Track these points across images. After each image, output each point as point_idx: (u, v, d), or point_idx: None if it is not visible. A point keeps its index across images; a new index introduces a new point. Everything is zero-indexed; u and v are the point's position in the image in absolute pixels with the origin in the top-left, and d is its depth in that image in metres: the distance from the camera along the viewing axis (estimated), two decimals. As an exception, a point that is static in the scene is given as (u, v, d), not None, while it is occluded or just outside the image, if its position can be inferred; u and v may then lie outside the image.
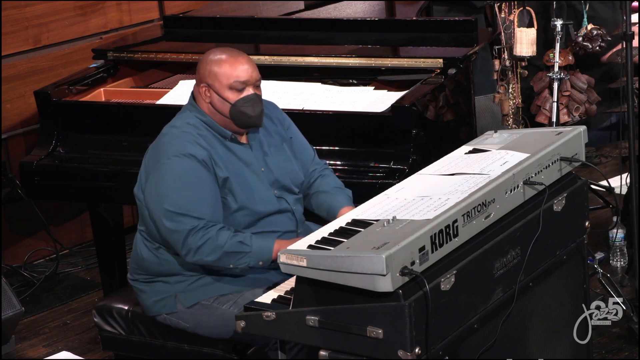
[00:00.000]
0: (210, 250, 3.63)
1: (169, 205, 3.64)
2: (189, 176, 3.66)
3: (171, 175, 3.67)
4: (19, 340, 5.07)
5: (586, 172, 5.30)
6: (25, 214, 5.67)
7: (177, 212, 3.63)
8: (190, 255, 3.65)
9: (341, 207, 3.86)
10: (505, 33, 5.22)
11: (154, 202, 3.69)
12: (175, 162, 3.67)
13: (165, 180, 3.68)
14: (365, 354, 3.12)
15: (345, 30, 5.09)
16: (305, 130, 4.11)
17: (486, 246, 3.33)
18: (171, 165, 3.68)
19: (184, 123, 3.78)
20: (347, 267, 3.04)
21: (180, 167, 3.67)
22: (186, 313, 3.79)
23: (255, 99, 3.78)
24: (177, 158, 3.68)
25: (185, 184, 3.65)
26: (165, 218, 3.65)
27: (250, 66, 3.77)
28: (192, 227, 3.62)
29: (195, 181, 3.66)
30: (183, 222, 3.63)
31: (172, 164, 3.68)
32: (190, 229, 3.62)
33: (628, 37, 4.47)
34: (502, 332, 3.40)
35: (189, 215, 3.63)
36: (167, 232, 3.67)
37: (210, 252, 3.63)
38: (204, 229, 3.63)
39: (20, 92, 5.70)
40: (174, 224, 3.64)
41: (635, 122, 4.75)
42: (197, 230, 3.63)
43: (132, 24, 6.13)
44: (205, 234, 3.63)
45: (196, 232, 3.63)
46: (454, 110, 4.65)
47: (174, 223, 3.64)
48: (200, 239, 3.62)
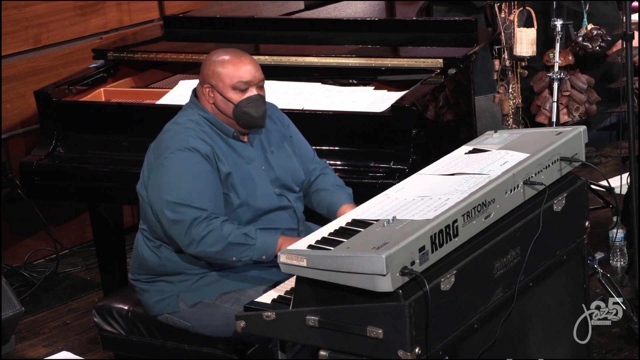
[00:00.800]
0: (214, 241, 3.61)
1: (171, 196, 3.64)
2: (192, 169, 3.66)
3: (174, 168, 3.67)
4: (19, 340, 5.07)
5: (586, 172, 5.30)
6: (25, 214, 5.67)
7: (179, 203, 3.62)
8: (193, 246, 3.64)
9: (341, 205, 3.86)
10: (505, 33, 5.21)
11: (156, 196, 3.69)
12: (179, 156, 3.67)
13: (168, 173, 3.67)
14: (365, 354, 3.12)
15: (345, 30, 5.09)
16: (305, 130, 4.11)
17: (486, 246, 3.33)
18: (174, 159, 3.67)
19: (186, 120, 3.78)
20: (347, 267, 3.04)
21: (183, 161, 3.67)
22: (188, 312, 3.79)
23: (259, 99, 3.78)
24: (180, 152, 3.68)
25: (188, 176, 3.65)
26: (167, 209, 3.64)
27: (253, 67, 3.77)
28: (195, 218, 3.61)
29: (198, 174, 3.66)
30: (185, 213, 3.62)
31: (175, 157, 3.67)
32: (193, 219, 3.61)
33: (628, 37, 4.47)
34: (502, 332, 3.39)
35: (191, 206, 3.62)
36: (170, 223, 3.66)
37: (213, 243, 3.62)
38: (208, 219, 3.62)
39: (20, 92, 5.70)
40: (176, 215, 3.63)
41: (635, 122, 4.75)
42: (201, 221, 3.62)
43: (132, 24, 6.13)
44: (209, 225, 3.62)
45: (199, 222, 3.61)
46: (454, 110, 4.65)
47: (175, 214, 3.63)
48: (203, 230, 3.61)
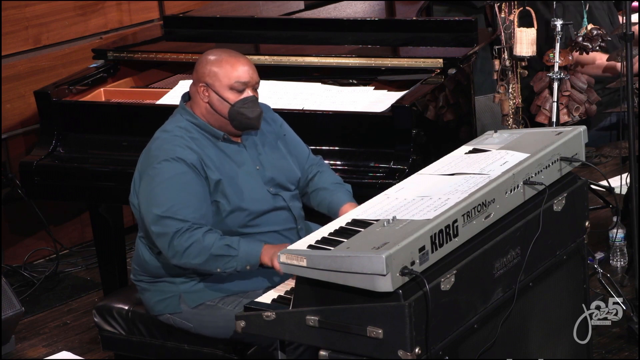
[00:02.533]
0: (196, 253, 3.60)
1: (157, 209, 3.63)
2: (177, 180, 3.65)
3: (159, 180, 3.66)
4: (19, 340, 5.07)
5: (586, 172, 5.29)
6: (25, 214, 5.67)
7: (163, 216, 3.62)
8: (177, 259, 3.63)
9: (342, 204, 3.85)
10: (505, 33, 5.21)
11: (145, 208, 3.68)
12: (165, 167, 3.66)
13: (154, 185, 3.66)
14: (365, 354, 3.12)
15: (345, 30, 5.09)
16: (305, 130, 4.11)
17: (486, 246, 3.33)
18: (160, 169, 3.66)
19: (174, 127, 3.77)
20: (347, 267, 3.04)
21: (169, 172, 3.66)
22: (190, 313, 3.79)
23: (254, 101, 3.77)
24: (166, 162, 3.67)
25: (172, 187, 3.64)
26: (152, 223, 3.64)
27: (250, 68, 3.77)
28: (177, 230, 3.60)
29: (182, 185, 3.64)
30: (168, 225, 3.61)
31: (161, 168, 3.66)
32: (175, 232, 3.60)
33: (628, 37, 4.47)
34: (502, 332, 3.39)
35: (174, 218, 3.61)
36: (155, 237, 3.66)
37: (196, 255, 3.60)
38: (189, 230, 3.61)
39: (20, 92, 5.70)
40: (160, 228, 3.62)
41: (635, 122, 4.75)
42: (183, 233, 3.60)
43: (132, 24, 6.12)
44: (191, 236, 3.60)
45: (181, 234, 3.60)
46: (454, 110, 4.65)
47: (159, 227, 3.63)
48: (185, 241, 3.60)
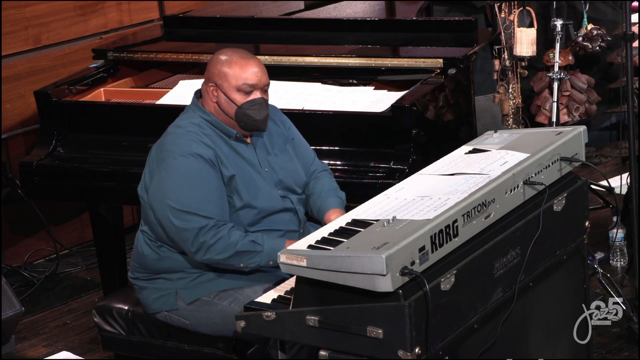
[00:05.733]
0: (222, 249, 3.63)
1: (175, 203, 3.64)
2: (197, 176, 3.66)
3: (178, 175, 3.67)
4: (19, 340, 5.07)
5: (586, 172, 5.30)
6: (25, 214, 5.67)
7: (185, 211, 3.63)
8: (200, 254, 3.65)
9: (328, 210, 3.86)
10: (505, 33, 5.22)
11: (159, 201, 3.69)
12: (182, 162, 3.67)
13: (172, 179, 3.67)
14: (365, 354, 3.12)
15: (345, 30, 5.09)
16: (305, 130, 4.11)
17: (486, 246, 3.33)
18: (177, 165, 3.67)
19: (188, 123, 3.78)
20: (347, 267, 3.04)
21: (187, 167, 3.67)
22: (186, 310, 3.79)
23: (262, 103, 3.77)
24: (183, 158, 3.67)
25: (193, 184, 3.65)
26: (173, 216, 3.65)
27: (260, 70, 3.76)
28: (203, 226, 3.63)
29: (202, 181, 3.66)
30: (192, 221, 3.63)
31: (178, 163, 3.67)
32: (200, 228, 3.63)
33: (628, 37, 4.47)
34: (502, 332, 3.39)
35: (197, 214, 3.63)
36: (175, 230, 3.66)
37: (221, 251, 3.64)
38: (215, 227, 3.64)
39: (20, 92, 5.70)
40: (183, 222, 3.64)
41: (635, 122, 4.75)
42: (209, 229, 3.63)
43: (132, 24, 6.13)
44: (217, 233, 3.63)
45: (207, 230, 3.63)
46: (454, 110, 4.65)
47: (182, 221, 3.64)
48: (212, 238, 3.63)
